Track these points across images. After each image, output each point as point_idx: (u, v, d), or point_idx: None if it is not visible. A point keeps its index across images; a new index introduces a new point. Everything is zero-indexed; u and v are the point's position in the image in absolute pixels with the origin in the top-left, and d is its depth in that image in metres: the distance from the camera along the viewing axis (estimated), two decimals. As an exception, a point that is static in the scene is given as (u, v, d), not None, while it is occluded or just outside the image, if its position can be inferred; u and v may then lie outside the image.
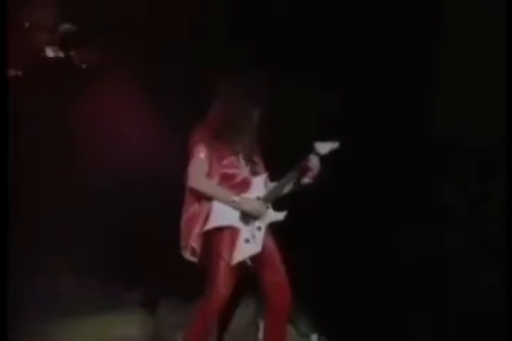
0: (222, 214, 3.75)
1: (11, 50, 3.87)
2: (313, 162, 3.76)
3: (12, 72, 4.37)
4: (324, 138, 3.73)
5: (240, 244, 3.71)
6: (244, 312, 4.37)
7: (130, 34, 4.58)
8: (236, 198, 3.76)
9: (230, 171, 3.82)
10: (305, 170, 3.78)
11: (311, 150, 3.75)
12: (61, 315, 4.22)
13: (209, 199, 3.77)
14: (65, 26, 4.60)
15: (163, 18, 4.62)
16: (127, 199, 4.47)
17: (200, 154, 3.76)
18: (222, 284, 3.70)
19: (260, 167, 3.93)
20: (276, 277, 3.82)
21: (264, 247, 3.76)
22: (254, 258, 3.76)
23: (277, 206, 3.82)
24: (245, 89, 3.83)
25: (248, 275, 3.82)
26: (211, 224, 3.74)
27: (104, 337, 4.18)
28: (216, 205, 3.76)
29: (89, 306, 4.28)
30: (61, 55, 4.66)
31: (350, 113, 4.40)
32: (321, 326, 4.37)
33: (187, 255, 3.77)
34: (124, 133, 4.51)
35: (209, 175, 3.79)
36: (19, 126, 4.20)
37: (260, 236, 3.75)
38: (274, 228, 3.83)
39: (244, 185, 3.83)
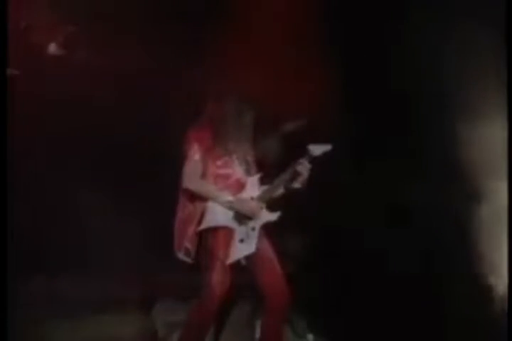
0: (217, 215, 3.77)
1: (11, 50, 3.90)
2: (303, 167, 3.77)
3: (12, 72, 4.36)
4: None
5: (235, 244, 3.74)
6: (240, 313, 4.37)
7: (129, 34, 4.58)
8: (231, 198, 3.78)
9: (224, 172, 3.84)
10: (295, 175, 3.80)
11: (305, 151, 3.77)
12: (58, 315, 4.23)
13: (203, 199, 3.79)
14: (65, 26, 4.61)
15: (162, 18, 4.63)
16: (121, 200, 4.49)
17: (195, 155, 3.79)
18: (218, 284, 3.72)
19: (254, 167, 3.95)
20: (273, 278, 3.84)
21: (259, 248, 3.79)
22: (249, 259, 3.79)
23: (270, 207, 3.84)
24: (240, 90, 3.86)
25: (244, 276, 3.83)
26: (206, 225, 3.76)
27: (101, 337, 4.19)
28: (211, 206, 3.78)
29: (86, 306, 4.29)
30: (61, 54, 4.68)
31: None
32: (317, 326, 4.37)
33: (181, 255, 3.79)
34: (123, 132, 4.52)
35: (203, 175, 3.81)
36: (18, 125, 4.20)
37: (254, 236, 3.78)
38: (268, 228, 3.85)
39: (238, 186, 3.85)
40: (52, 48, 4.69)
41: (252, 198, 3.81)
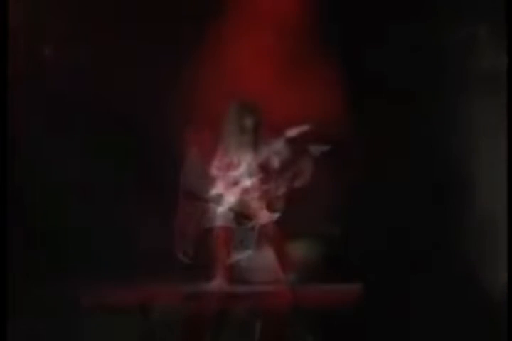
0: (217, 216, 3.81)
1: (11, 50, 3.92)
2: (306, 165, 3.80)
3: (12, 72, 4.37)
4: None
5: (235, 244, 3.78)
6: (240, 313, 4.36)
7: (130, 33, 4.59)
8: (231, 199, 3.79)
9: (224, 173, 3.87)
10: (296, 175, 3.82)
11: (306, 152, 3.80)
12: (58, 316, 4.23)
13: (203, 200, 3.82)
14: (64, 26, 4.62)
15: (163, 18, 4.64)
16: (121, 201, 4.49)
17: (195, 156, 3.81)
18: (217, 284, 3.75)
19: (255, 168, 3.96)
20: (273, 278, 3.88)
21: (258, 248, 3.82)
22: (249, 260, 3.81)
23: (271, 207, 3.86)
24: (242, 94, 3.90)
25: (243, 276, 3.84)
26: (205, 225, 3.80)
27: (101, 338, 4.19)
28: (210, 206, 3.82)
29: (85, 307, 4.28)
30: (60, 54, 4.69)
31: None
32: (317, 328, 4.37)
33: (180, 256, 3.81)
34: (123, 132, 4.53)
35: (203, 176, 3.84)
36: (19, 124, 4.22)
37: (254, 236, 3.80)
38: (268, 228, 3.86)
39: (238, 186, 3.87)
40: (51, 48, 4.70)
41: (252, 199, 3.84)
